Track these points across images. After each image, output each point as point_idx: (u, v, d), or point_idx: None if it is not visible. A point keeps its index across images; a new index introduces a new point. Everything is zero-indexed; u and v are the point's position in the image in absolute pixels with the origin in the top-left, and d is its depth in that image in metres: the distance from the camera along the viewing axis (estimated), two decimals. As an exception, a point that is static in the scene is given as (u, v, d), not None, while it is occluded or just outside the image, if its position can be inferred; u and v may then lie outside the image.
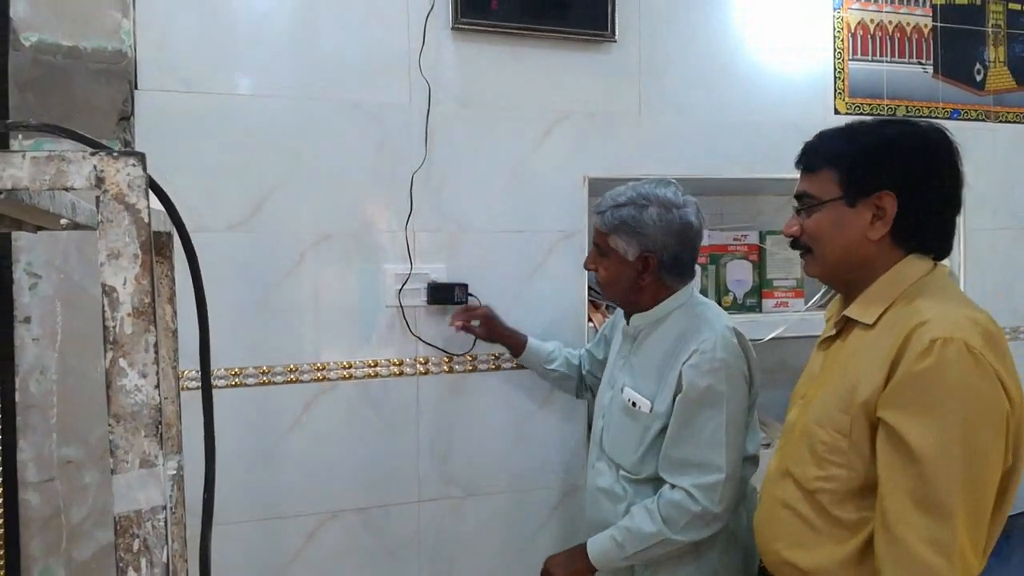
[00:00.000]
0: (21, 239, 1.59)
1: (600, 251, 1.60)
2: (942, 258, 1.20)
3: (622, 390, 1.58)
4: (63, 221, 0.68)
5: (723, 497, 1.40)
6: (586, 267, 1.66)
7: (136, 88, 1.69)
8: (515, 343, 1.88)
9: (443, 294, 1.89)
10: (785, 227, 1.26)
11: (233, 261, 1.74)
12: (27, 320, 1.61)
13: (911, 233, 1.15)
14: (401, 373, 1.90)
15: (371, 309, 1.88)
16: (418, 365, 1.92)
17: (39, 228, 0.74)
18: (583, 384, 1.90)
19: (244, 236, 1.77)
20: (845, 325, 1.21)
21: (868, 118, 1.25)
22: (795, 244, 1.26)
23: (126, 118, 1.67)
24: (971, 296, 1.17)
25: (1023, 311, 2.47)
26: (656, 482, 1.50)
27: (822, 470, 1.13)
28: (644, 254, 1.52)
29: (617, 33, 2.00)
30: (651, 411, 1.50)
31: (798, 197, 1.24)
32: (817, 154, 1.22)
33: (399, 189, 1.87)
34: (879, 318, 1.14)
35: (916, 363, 1.02)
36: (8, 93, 1.59)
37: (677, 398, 1.45)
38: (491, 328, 1.88)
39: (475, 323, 1.87)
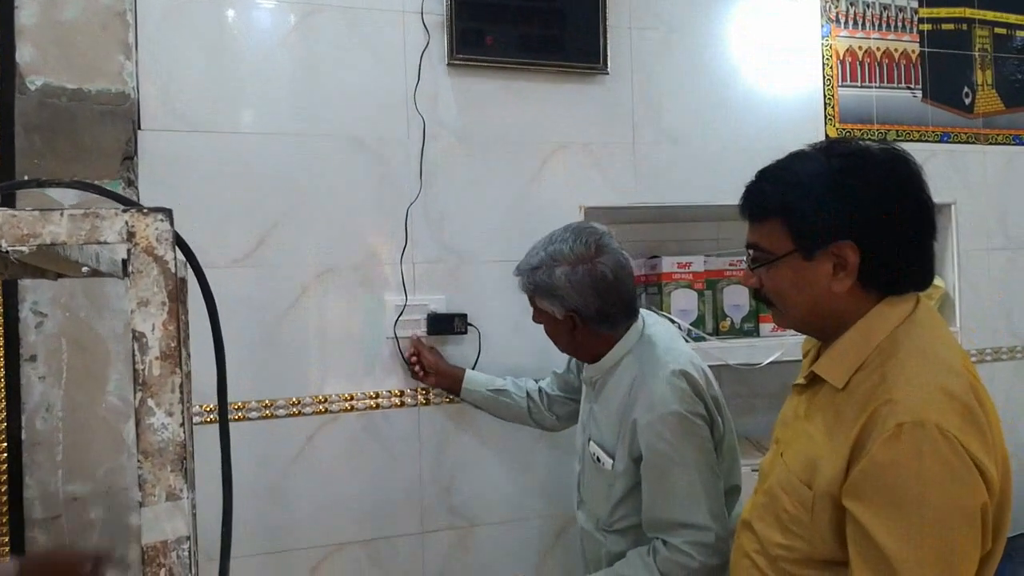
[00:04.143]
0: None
1: (536, 308, 1.58)
2: (923, 288, 1.09)
3: (589, 441, 1.57)
4: (84, 269, 0.71)
5: (718, 550, 1.36)
6: (534, 320, 1.61)
7: (139, 128, 1.73)
8: (452, 374, 1.87)
9: (443, 324, 1.91)
10: (743, 278, 1.16)
11: (236, 296, 1.77)
12: (33, 358, 1.63)
13: (881, 277, 1.04)
14: (402, 404, 1.92)
15: (372, 341, 1.90)
16: (419, 396, 1.93)
17: (59, 275, 0.77)
18: (544, 407, 1.85)
19: (247, 271, 1.79)
20: (816, 377, 1.10)
21: (810, 145, 1.11)
22: (757, 295, 1.17)
23: (130, 158, 1.71)
24: (967, 320, 1.08)
25: (1021, 331, 2.49)
26: (631, 531, 1.48)
27: (784, 538, 1.06)
28: (569, 313, 1.50)
29: (610, 65, 2.04)
30: (612, 468, 1.49)
31: (750, 247, 1.14)
32: (760, 202, 1.11)
33: (399, 222, 1.90)
34: (849, 380, 1.04)
35: (882, 451, 0.93)
36: (15, 136, 1.63)
37: (641, 464, 1.42)
38: (421, 355, 1.87)
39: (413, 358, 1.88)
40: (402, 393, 1.92)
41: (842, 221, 1.03)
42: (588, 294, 1.47)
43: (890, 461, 0.92)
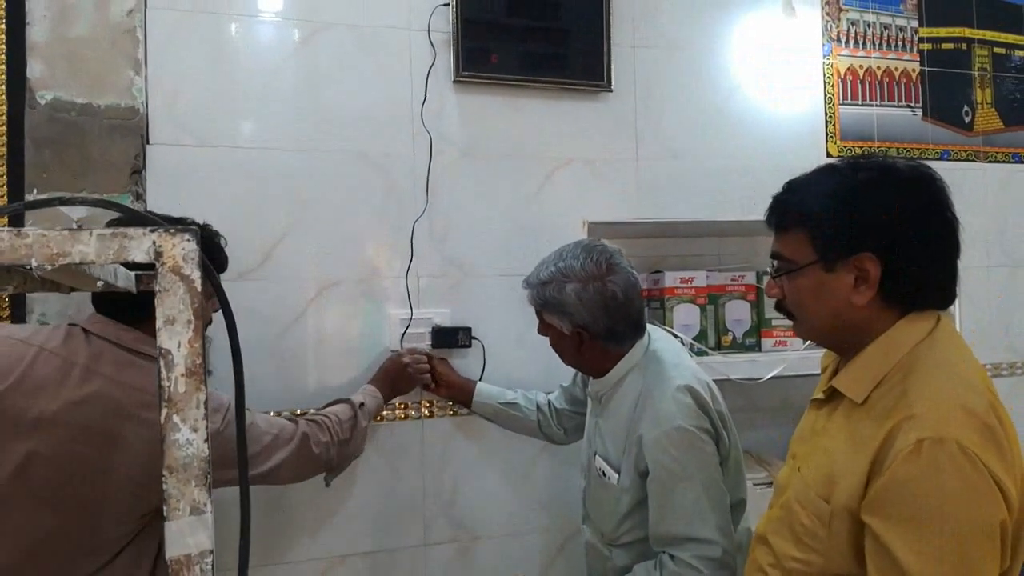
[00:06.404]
0: (35, 291, 1.62)
1: (543, 322, 1.59)
2: (946, 307, 1.09)
3: (594, 456, 1.58)
4: (99, 283, 0.72)
5: (725, 564, 1.37)
6: (539, 332, 1.61)
7: (148, 142, 1.74)
8: (463, 387, 1.87)
9: (447, 338, 1.92)
10: (766, 288, 1.18)
11: (242, 309, 1.77)
12: (40, 370, 1.63)
13: (902, 292, 1.04)
14: (406, 417, 1.93)
15: (376, 354, 1.90)
16: (423, 409, 1.94)
17: (72, 289, 0.78)
18: (553, 420, 1.86)
19: (253, 284, 1.81)
20: (835, 391, 1.11)
21: (840, 159, 1.14)
22: (779, 307, 1.18)
23: (138, 171, 1.72)
24: (967, 336, 1.08)
25: (1021, 347, 2.50)
26: (637, 545, 1.49)
27: (801, 552, 1.06)
28: (576, 329, 1.50)
29: (613, 83, 2.06)
30: (618, 483, 1.49)
31: (774, 257, 1.15)
32: (785, 211, 1.12)
33: (404, 236, 1.92)
34: (869, 395, 1.04)
35: (902, 467, 0.92)
36: (25, 149, 1.65)
37: (648, 479, 1.42)
38: (434, 367, 1.87)
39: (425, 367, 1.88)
40: (406, 406, 1.92)
41: (864, 233, 1.03)
42: (597, 312, 1.47)
43: (910, 477, 0.92)
